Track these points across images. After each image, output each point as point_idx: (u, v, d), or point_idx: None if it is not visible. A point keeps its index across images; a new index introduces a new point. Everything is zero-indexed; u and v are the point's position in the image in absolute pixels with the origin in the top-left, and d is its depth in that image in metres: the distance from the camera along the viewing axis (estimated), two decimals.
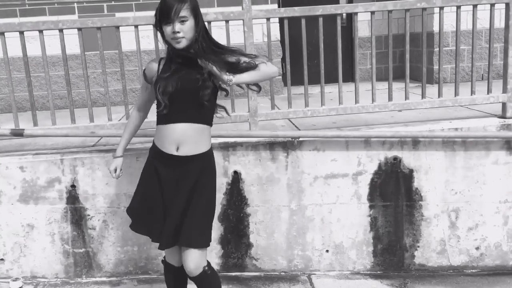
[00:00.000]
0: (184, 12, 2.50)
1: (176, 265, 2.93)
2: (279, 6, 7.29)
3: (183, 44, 2.56)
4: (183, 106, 2.63)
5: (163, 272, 3.09)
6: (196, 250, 2.72)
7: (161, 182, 2.74)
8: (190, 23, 2.54)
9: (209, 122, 2.75)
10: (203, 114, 2.70)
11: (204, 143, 2.72)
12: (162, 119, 2.68)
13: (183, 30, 2.52)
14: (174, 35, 2.52)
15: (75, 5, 6.51)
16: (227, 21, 3.85)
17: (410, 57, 6.61)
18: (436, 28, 6.71)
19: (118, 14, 6.46)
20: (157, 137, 2.74)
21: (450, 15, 6.18)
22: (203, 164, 2.72)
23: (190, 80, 2.59)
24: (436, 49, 6.86)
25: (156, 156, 2.75)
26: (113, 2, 6.53)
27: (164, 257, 3.01)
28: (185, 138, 2.65)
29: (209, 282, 2.84)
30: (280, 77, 6.96)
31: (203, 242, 2.74)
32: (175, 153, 2.66)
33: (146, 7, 6.47)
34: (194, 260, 2.73)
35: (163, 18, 2.52)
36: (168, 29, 2.53)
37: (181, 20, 2.50)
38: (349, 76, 7.49)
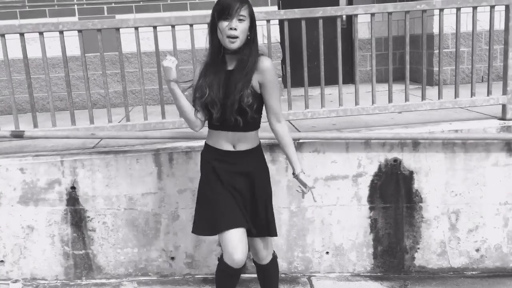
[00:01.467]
0: (244, 11, 2.54)
1: (242, 263, 2.73)
2: (279, 8, 7.30)
3: (236, 44, 2.57)
4: (232, 115, 2.63)
5: (219, 279, 2.87)
6: (269, 238, 2.96)
7: (222, 179, 2.79)
8: (246, 24, 2.57)
9: (258, 126, 2.83)
10: (253, 121, 2.74)
11: (255, 141, 2.83)
12: (214, 125, 2.76)
13: (240, 29, 2.54)
14: (230, 31, 2.52)
15: (75, 7, 6.51)
16: None
17: (410, 59, 6.61)
18: (436, 30, 6.71)
19: (118, 16, 6.47)
20: (211, 140, 2.82)
21: (450, 17, 6.19)
22: (257, 157, 2.87)
23: (236, 89, 2.60)
24: (436, 51, 6.87)
25: (212, 156, 2.81)
26: (113, 4, 6.54)
27: (223, 261, 2.78)
28: (240, 140, 2.75)
29: (276, 266, 3.10)
30: (280, 79, 6.96)
31: (276, 233, 2.94)
32: (232, 149, 2.77)
33: (146, 9, 6.47)
34: (269, 248, 3.00)
35: (222, 13, 2.53)
36: (224, 24, 2.53)
37: (239, 18, 2.53)
38: (349, 78, 7.50)
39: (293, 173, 2.84)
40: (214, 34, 2.62)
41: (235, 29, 2.52)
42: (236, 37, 2.54)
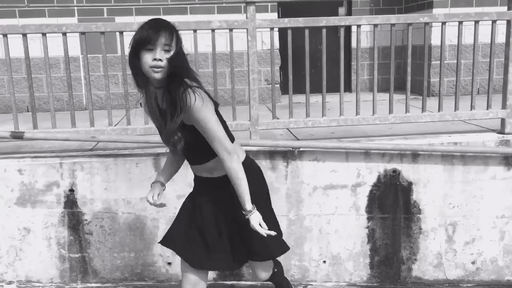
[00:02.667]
0: (168, 40, 2.25)
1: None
2: (278, 15, 7.32)
3: (160, 75, 2.25)
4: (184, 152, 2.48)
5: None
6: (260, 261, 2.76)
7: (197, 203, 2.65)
8: (173, 53, 2.27)
9: (213, 155, 2.48)
10: (203, 153, 2.50)
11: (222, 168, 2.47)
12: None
13: (166, 60, 2.24)
14: (155, 62, 2.22)
15: (75, 7, 6.49)
16: (230, 30, 3.86)
17: (406, 69, 6.65)
18: (434, 41, 6.76)
19: (117, 18, 6.45)
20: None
21: (448, 29, 6.22)
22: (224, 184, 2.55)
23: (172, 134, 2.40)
24: (433, 62, 6.92)
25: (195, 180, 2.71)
26: (113, 6, 6.51)
27: None
28: (209, 170, 2.56)
29: (278, 277, 3.05)
30: (278, 85, 6.97)
31: (266, 254, 2.71)
32: (210, 176, 2.57)
33: (146, 12, 6.46)
34: (266, 269, 2.87)
35: (144, 44, 2.22)
36: (148, 57, 2.22)
37: (165, 49, 2.24)
38: (346, 86, 7.52)
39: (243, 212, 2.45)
40: (137, 65, 2.28)
41: (160, 59, 2.21)
42: (160, 67, 2.23)
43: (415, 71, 7.18)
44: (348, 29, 7.74)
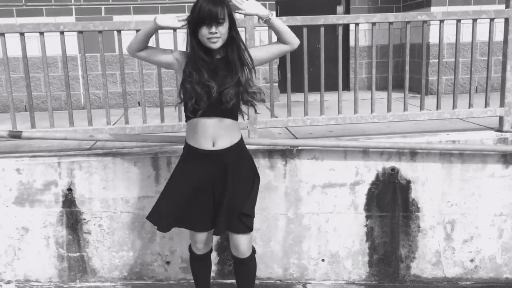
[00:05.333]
0: (222, 14, 2.59)
1: (204, 252, 3.15)
2: (277, 13, 7.31)
3: (218, 44, 2.65)
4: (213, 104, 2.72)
5: (190, 263, 3.26)
6: (247, 235, 2.98)
7: (199, 179, 2.86)
8: (226, 25, 2.64)
9: (236, 118, 2.87)
10: (231, 110, 2.79)
11: (236, 135, 2.88)
12: (192, 114, 2.76)
13: (220, 32, 2.62)
14: (211, 35, 2.60)
15: (73, 6, 6.48)
16: None
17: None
18: (432, 40, 6.76)
19: (115, 17, 6.44)
20: (190, 135, 2.86)
21: (447, 27, 6.22)
22: (238, 154, 2.90)
23: (225, 85, 2.70)
24: (432, 61, 6.92)
25: (192, 156, 2.87)
26: (111, 4, 6.51)
27: (191, 248, 3.18)
28: (220, 132, 2.79)
29: (254, 261, 3.15)
30: (277, 84, 6.97)
31: (251, 227, 2.99)
32: (212, 148, 2.80)
33: (143, 11, 6.46)
34: (247, 243, 3.00)
35: (202, 21, 2.59)
36: (205, 31, 2.60)
37: (219, 22, 2.59)
38: (345, 85, 7.52)
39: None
40: (196, 37, 2.68)
41: (215, 32, 2.60)
42: (218, 38, 2.63)
43: (414, 70, 7.18)
44: (346, 27, 7.74)
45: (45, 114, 4.10)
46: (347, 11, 7.86)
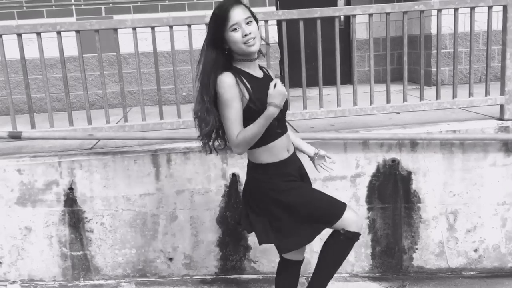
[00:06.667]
0: (247, 13, 2.40)
1: (299, 259, 3.02)
2: (277, 8, 7.30)
3: (257, 45, 2.42)
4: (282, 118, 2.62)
5: (281, 272, 3.01)
6: None
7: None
8: (255, 23, 2.44)
9: None
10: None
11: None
12: (272, 137, 2.56)
13: (253, 31, 2.39)
14: (246, 37, 2.37)
15: (73, 7, 6.50)
16: None
17: (408, 59, 6.61)
18: (433, 31, 6.72)
19: (116, 16, 6.46)
20: (270, 155, 2.59)
21: (448, 17, 6.19)
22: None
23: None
24: (434, 51, 6.87)
25: (279, 172, 2.63)
26: (111, 4, 6.53)
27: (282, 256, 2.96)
28: (290, 143, 2.75)
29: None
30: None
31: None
32: (288, 155, 2.68)
33: (144, 10, 6.47)
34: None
35: (227, 25, 2.36)
36: (236, 36, 2.37)
37: (247, 22, 2.39)
38: (348, 78, 7.51)
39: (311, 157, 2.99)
40: (219, 48, 2.42)
41: (249, 33, 2.36)
42: (253, 38, 2.38)
43: (416, 61, 7.15)
44: (347, 20, 7.71)
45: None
46: (348, 3, 7.83)
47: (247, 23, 2.38)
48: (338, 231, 2.76)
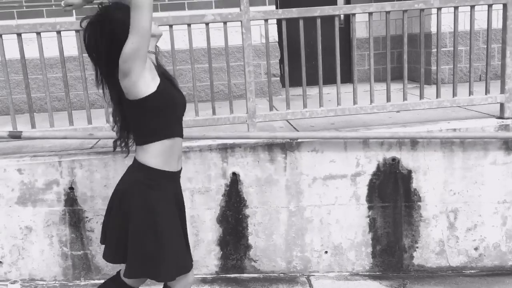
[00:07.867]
0: None
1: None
2: (277, 7, 7.29)
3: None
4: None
5: None
6: None
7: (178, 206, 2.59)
8: None
9: None
10: None
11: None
12: (171, 129, 2.43)
13: None
14: None
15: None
16: (225, 23, 3.85)
17: (408, 58, 6.61)
18: (433, 29, 6.71)
19: None
20: (163, 158, 2.41)
21: (448, 16, 6.18)
22: None
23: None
24: (434, 50, 6.87)
25: (165, 182, 2.46)
26: (110, 2, 6.51)
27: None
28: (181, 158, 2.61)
29: None
30: (278, 78, 6.96)
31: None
32: (178, 169, 2.55)
33: None
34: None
35: None
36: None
37: None
38: (347, 77, 7.50)
39: None
40: None
41: None
42: None
43: (416, 60, 7.14)
44: (347, 19, 7.70)
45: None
46: (348, 2, 7.82)
47: None
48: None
